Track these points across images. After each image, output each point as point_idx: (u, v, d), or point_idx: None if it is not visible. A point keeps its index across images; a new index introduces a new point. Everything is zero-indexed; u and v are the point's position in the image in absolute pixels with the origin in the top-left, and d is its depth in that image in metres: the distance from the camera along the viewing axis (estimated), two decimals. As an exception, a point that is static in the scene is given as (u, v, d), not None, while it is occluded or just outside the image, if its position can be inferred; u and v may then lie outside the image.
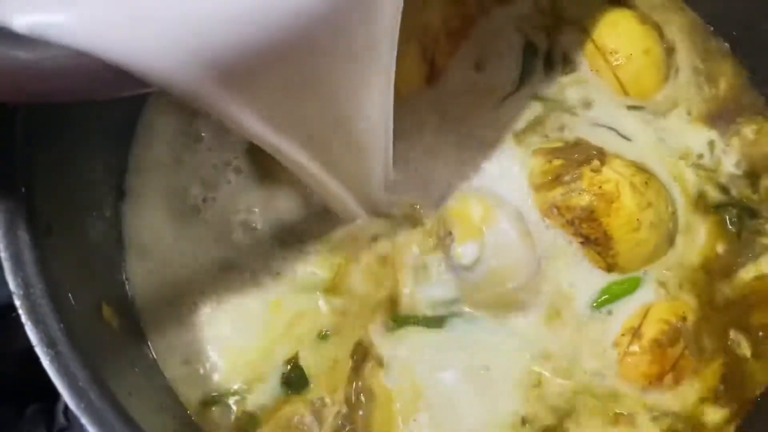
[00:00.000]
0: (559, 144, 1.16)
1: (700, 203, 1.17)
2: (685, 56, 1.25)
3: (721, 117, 1.22)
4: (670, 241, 1.15)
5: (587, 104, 1.21)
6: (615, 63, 1.21)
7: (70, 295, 0.86)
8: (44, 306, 0.80)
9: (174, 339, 1.08)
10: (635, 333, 1.09)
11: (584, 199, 1.11)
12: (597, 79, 1.22)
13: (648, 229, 1.11)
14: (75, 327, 0.82)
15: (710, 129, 1.21)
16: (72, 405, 0.76)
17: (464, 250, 1.09)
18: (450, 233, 1.12)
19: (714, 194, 1.18)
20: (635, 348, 1.09)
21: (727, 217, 1.17)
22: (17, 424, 1.09)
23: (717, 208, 1.17)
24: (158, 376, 1.06)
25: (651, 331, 1.09)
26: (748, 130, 1.21)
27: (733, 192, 1.18)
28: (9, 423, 1.10)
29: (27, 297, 0.80)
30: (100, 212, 1.08)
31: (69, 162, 0.97)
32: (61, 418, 1.10)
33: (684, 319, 1.10)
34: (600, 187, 1.11)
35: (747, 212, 1.17)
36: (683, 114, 1.22)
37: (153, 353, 1.07)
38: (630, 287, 1.12)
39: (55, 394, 0.79)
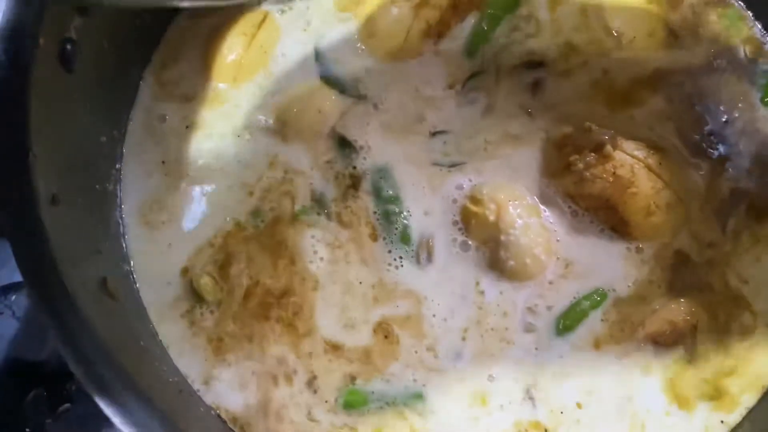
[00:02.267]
0: (568, 129, 1.14)
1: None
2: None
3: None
4: (687, 215, 1.13)
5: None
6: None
7: (76, 267, 0.85)
8: (51, 278, 0.78)
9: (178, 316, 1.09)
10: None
11: (599, 187, 1.10)
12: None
13: (665, 210, 1.09)
14: (81, 299, 0.81)
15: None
16: (78, 374, 0.75)
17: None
18: (466, 235, 1.11)
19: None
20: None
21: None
22: (19, 410, 1.07)
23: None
24: (162, 352, 1.06)
25: (652, 325, 1.07)
26: None
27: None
28: (11, 409, 1.08)
29: (33, 267, 0.78)
30: (103, 186, 1.08)
31: (70, 131, 0.97)
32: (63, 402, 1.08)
33: (694, 327, 1.08)
34: (614, 173, 1.09)
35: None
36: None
37: (156, 330, 1.07)
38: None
39: (56, 379, 0.77)
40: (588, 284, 1.11)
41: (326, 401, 1.07)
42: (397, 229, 1.12)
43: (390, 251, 1.12)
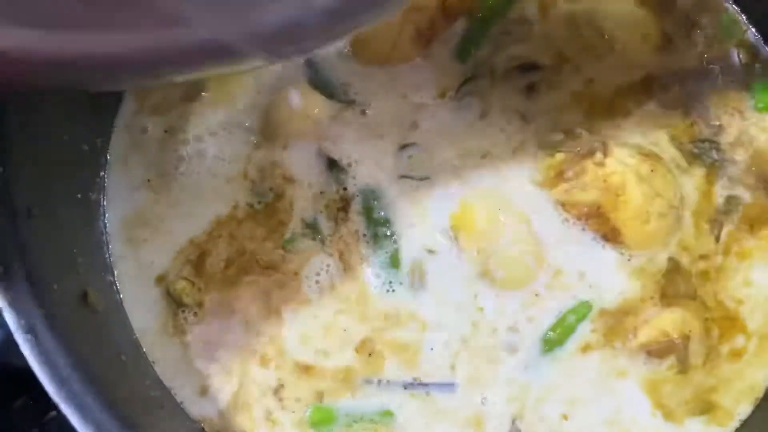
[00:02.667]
0: (559, 136, 1.13)
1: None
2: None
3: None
4: (679, 224, 1.11)
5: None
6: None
7: (53, 280, 0.83)
8: (24, 291, 0.77)
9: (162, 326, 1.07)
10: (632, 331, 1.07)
11: (590, 195, 1.08)
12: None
13: (657, 219, 1.07)
14: (57, 312, 0.80)
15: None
16: (52, 392, 0.73)
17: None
18: (455, 242, 1.10)
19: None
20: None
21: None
22: (6, 417, 1.06)
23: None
24: (146, 364, 1.04)
25: (644, 335, 1.06)
26: None
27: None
28: (-2, 417, 1.07)
29: (6, 281, 0.77)
30: (86, 195, 1.06)
31: (49, 141, 0.96)
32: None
33: (687, 337, 1.06)
34: (605, 180, 1.07)
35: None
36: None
37: (140, 340, 1.05)
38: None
39: (43, 386, 0.76)
40: (578, 294, 1.09)
41: (293, 411, 1.06)
42: (387, 253, 1.10)
43: (378, 275, 1.09)
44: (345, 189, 1.12)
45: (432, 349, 1.07)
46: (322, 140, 1.14)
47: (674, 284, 1.09)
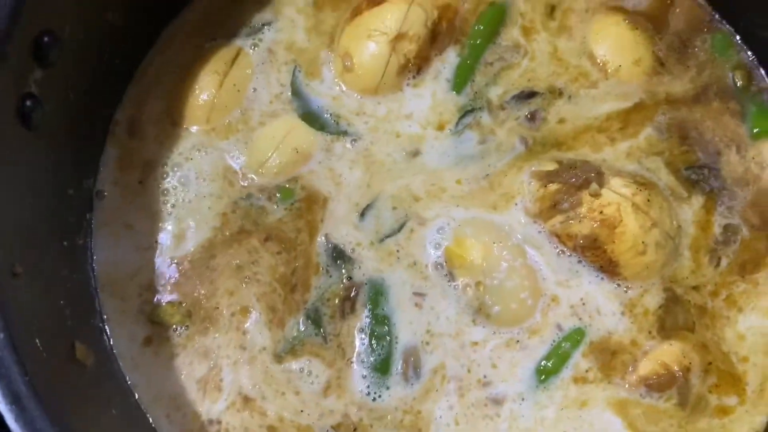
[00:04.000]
0: (554, 166, 1.11)
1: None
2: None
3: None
4: (677, 254, 1.10)
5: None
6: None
7: (37, 340, 0.82)
8: (7, 358, 0.75)
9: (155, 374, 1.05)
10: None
11: (585, 227, 1.06)
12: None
13: (654, 249, 1.06)
14: (43, 376, 0.79)
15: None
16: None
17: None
18: (451, 275, 1.08)
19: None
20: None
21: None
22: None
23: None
24: (139, 416, 1.02)
25: (644, 368, 1.04)
26: None
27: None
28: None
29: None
30: (72, 240, 1.04)
31: (33, 190, 0.93)
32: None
33: (687, 369, 1.05)
34: (601, 212, 1.06)
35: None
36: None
37: (133, 390, 1.04)
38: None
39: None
40: (573, 326, 1.07)
41: None
42: (380, 356, 1.07)
43: (364, 375, 1.06)
44: (350, 278, 1.09)
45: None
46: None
47: (672, 316, 1.08)
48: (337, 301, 1.08)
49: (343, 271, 1.09)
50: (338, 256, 1.10)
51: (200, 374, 1.07)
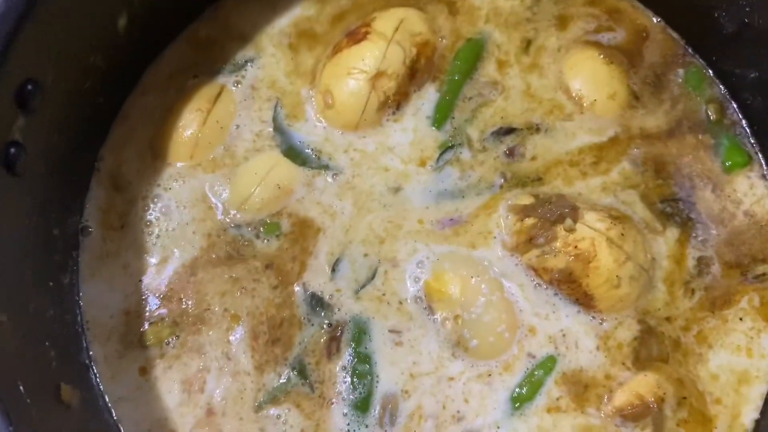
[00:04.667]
0: (530, 200, 1.13)
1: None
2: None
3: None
4: (652, 286, 1.12)
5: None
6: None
7: (21, 386, 0.83)
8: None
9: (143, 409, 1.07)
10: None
11: (561, 261, 1.09)
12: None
13: (628, 283, 1.08)
14: (27, 422, 0.79)
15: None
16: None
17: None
18: (430, 309, 1.10)
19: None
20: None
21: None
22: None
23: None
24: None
25: (619, 399, 1.06)
26: None
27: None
28: None
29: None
30: (57, 281, 1.06)
31: (20, 236, 0.95)
32: None
33: (661, 400, 1.07)
34: (575, 246, 1.08)
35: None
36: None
37: (119, 425, 1.06)
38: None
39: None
40: (547, 353, 1.10)
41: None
42: (360, 394, 1.09)
43: (345, 413, 1.08)
44: (330, 325, 1.11)
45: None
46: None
47: (647, 347, 1.10)
48: (322, 342, 1.10)
49: (323, 316, 1.11)
50: (317, 303, 1.12)
51: (189, 374, 1.09)
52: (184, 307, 1.12)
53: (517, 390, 1.08)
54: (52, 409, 0.92)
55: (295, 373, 1.09)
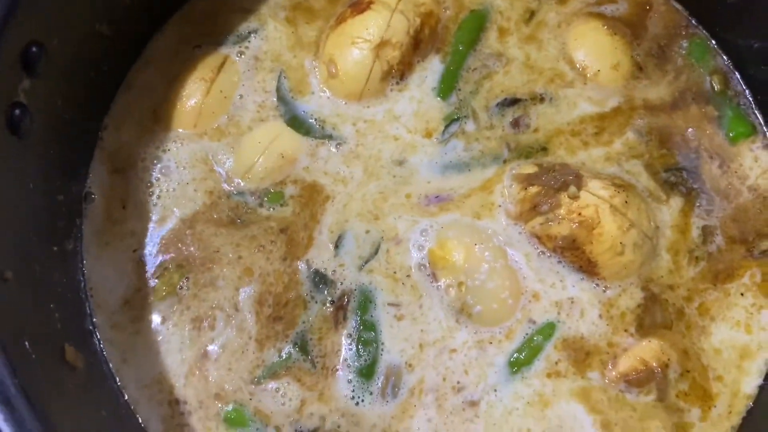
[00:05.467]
0: (533, 169, 1.13)
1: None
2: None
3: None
4: (656, 254, 1.12)
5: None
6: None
7: (27, 342, 0.84)
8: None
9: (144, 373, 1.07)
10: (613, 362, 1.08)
11: (564, 228, 1.09)
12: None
13: (632, 250, 1.08)
14: (33, 378, 0.81)
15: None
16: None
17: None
18: (434, 276, 1.10)
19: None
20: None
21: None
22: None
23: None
24: (129, 416, 1.04)
25: (623, 365, 1.07)
26: None
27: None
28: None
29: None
30: (62, 245, 1.06)
31: (23, 198, 0.95)
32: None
33: (665, 366, 1.07)
34: (579, 213, 1.08)
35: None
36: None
37: (122, 390, 1.06)
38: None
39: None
40: (547, 320, 1.10)
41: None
42: (366, 361, 1.08)
43: (350, 380, 1.08)
44: (333, 302, 1.11)
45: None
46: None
47: (651, 314, 1.10)
48: (329, 312, 1.10)
49: (327, 293, 1.11)
50: (321, 280, 1.12)
51: (202, 311, 1.09)
52: (187, 254, 1.12)
53: (515, 355, 1.08)
54: (57, 369, 0.92)
55: (297, 349, 1.09)
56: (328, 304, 1.10)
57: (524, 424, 1.07)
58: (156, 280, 1.11)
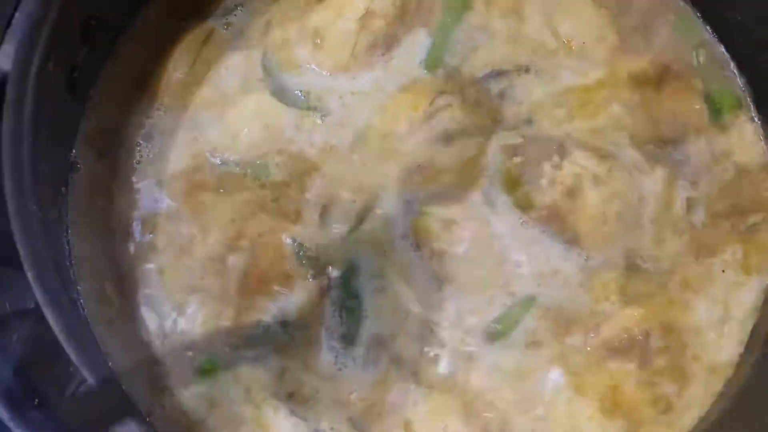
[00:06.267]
0: (518, 140, 1.13)
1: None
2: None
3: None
4: (639, 224, 1.12)
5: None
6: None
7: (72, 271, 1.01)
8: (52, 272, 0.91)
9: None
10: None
11: (547, 198, 1.09)
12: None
13: (615, 220, 1.08)
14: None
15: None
16: (74, 358, 0.87)
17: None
18: (416, 245, 1.10)
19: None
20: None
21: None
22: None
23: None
24: (114, 385, 1.05)
25: (606, 332, 1.06)
26: None
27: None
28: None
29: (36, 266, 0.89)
30: (45, 215, 1.06)
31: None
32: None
33: (647, 334, 1.07)
34: (562, 183, 1.08)
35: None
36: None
37: (107, 359, 1.07)
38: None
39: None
40: (533, 294, 1.10)
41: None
42: (348, 329, 1.09)
43: (333, 346, 1.08)
44: (317, 276, 1.11)
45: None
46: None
47: (633, 285, 1.10)
48: (313, 282, 1.10)
49: (311, 266, 1.11)
50: (305, 250, 1.12)
51: (182, 279, 1.11)
52: (170, 221, 1.13)
53: (495, 325, 1.09)
54: (100, 298, 1.04)
55: (278, 319, 1.09)
56: (312, 274, 1.11)
57: (502, 393, 1.07)
58: (138, 246, 1.12)
